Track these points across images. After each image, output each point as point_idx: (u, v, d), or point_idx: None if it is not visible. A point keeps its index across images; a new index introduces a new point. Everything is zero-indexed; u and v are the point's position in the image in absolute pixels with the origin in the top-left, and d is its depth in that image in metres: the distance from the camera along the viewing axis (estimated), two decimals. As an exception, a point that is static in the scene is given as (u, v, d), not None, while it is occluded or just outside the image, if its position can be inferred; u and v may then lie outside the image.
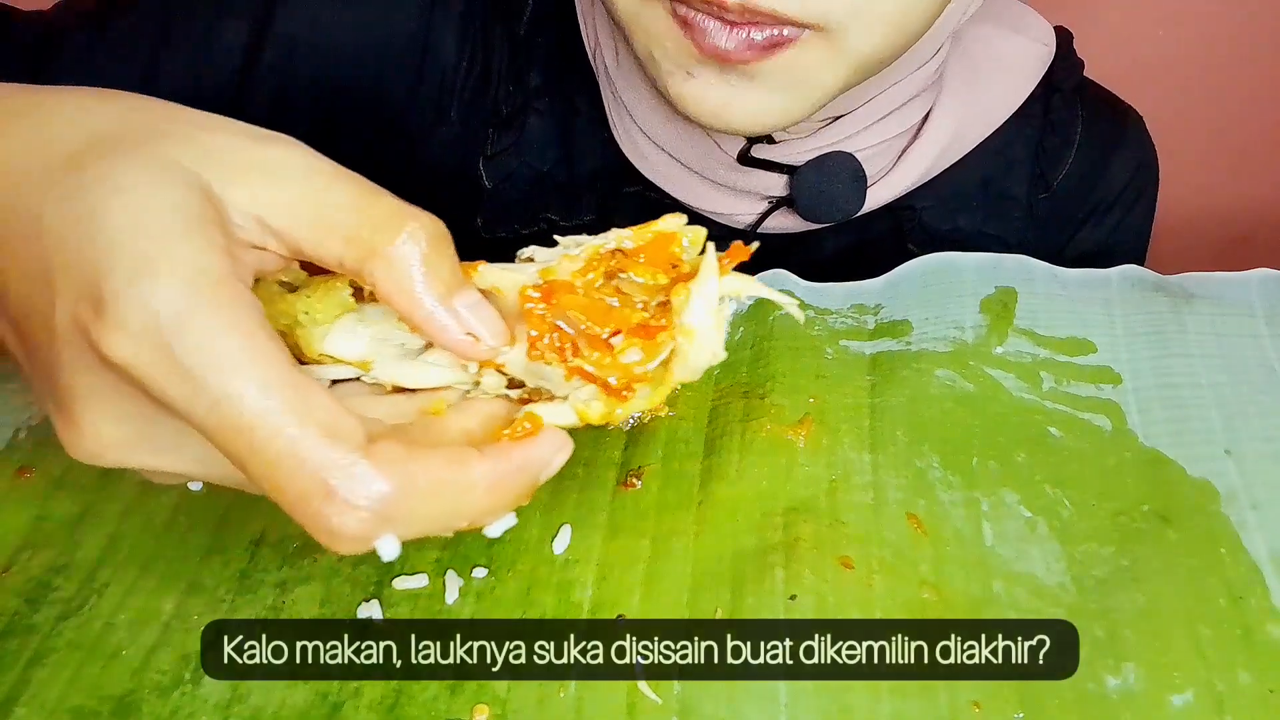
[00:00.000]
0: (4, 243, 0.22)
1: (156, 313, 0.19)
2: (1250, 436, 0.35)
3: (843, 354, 0.39)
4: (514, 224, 0.50)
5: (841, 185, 0.46)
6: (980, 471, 0.35)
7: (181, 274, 0.20)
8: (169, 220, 0.20)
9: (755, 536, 0.32)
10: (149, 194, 0.21)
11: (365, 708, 0.29)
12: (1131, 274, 0.42)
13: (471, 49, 0.48)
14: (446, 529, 0.22)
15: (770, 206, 0.48)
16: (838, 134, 0.46)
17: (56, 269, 0.21)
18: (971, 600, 0.31)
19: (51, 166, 0.22)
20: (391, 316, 0.26)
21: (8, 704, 0.29)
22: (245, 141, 0.23)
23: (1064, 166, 0.52)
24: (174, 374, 0.20)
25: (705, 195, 0.48)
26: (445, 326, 0.23)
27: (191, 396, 0.20)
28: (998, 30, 0.50)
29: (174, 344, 0.20)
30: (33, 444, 0.37)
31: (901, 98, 0.46)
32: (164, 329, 0.19)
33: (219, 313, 0.20)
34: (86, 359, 0.21)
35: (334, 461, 0.20)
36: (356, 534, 0.21)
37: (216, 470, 0.23)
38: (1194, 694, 0.28)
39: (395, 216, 0.22)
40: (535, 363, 0.25)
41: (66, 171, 0.21)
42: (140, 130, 0.22)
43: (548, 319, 0.24)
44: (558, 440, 0.24)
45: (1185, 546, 0.32)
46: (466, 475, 0.22)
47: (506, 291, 0.25)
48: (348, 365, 0.26)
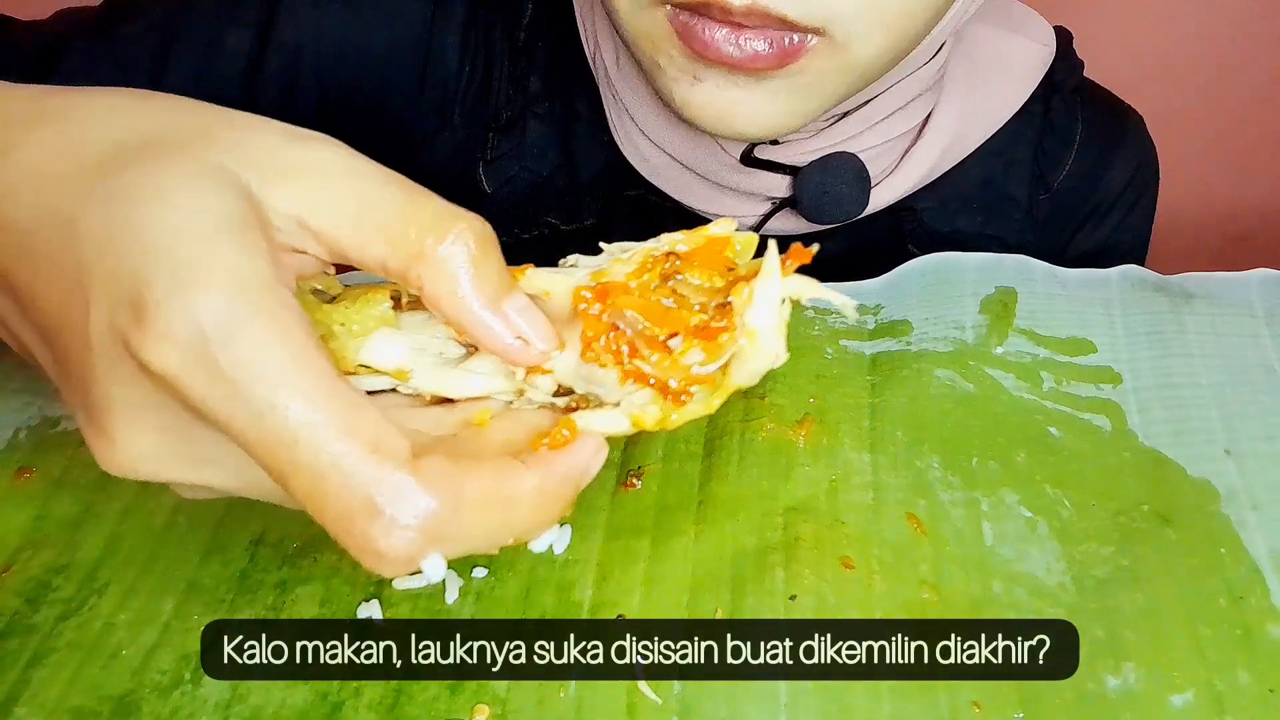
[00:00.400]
0: (33, 250, 0.21)
1: (201, 321, 0.19)
2: (1250, 436, 0.35)
3: (843, 354, 0.39)
4: (514, 228, 0.50)
5: (846, 186, 0.46)
6: (980, 471, 0.35)
7: (227, 281, 0.19)
8: (213, 225, 0.20)
9: (755, 536, 0.32)
10: (191, 198, 0.20)
11: (365, 708, 0.29)
12: (1131, 274, 0.42)
13: (473, 54, 0.48)
14: (493, 545, 0.22)
15: (773, 208, 0.48)
16: (841, 134, 0.46)
17: (92, 276, 0.20)
18: (971, 600, 0.31)
19: (85, 170, 0.21)
20: (429, 326, 0.25)
21: (8, 704, 0.29)
22: (286, 141, 0.22)
23: (1064, 167, 0.52)
24: (217, 384, 0.19)
25: (707, 197, 0.48)
26: (495, 331, 0.22)
27: (234, 408, 0.19)
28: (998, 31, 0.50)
29: (219, 354, 0.19)
30: (33, 444, 0.37)
31: (904, 97, 0.46)
32: (209, 338, 0.19)
33: (266, 322, 0.19)
34: (123, 369, 0.20)
35: (381, 478, 0.19)
36: (404, 554, 0.20)
37: (254, 485, 0.23)
38: (1194, 694, 0.28)
39: (442, 218, 0.22)
40: (589, 366, 0.24)
41: (102, 175, 0.21)
42: (179, 132, 0.22)
43: (603, 320, 0.24)
44: (594, 444, 0.24)
45: (1185, 546, 0.32)
46: (514, 488, 0.22)
47: (556, 295, 0.24)
48: (385, 375, 0.25)
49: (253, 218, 0.21)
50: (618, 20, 0.39)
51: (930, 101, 0.48)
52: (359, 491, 0.19)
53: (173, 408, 0.21)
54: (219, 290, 0.19)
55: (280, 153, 0.22)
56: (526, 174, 0.49)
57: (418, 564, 0.20)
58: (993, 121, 0.50)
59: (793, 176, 0.46)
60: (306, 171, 0.22)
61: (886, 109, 0.46)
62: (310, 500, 0.20)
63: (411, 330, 0.25)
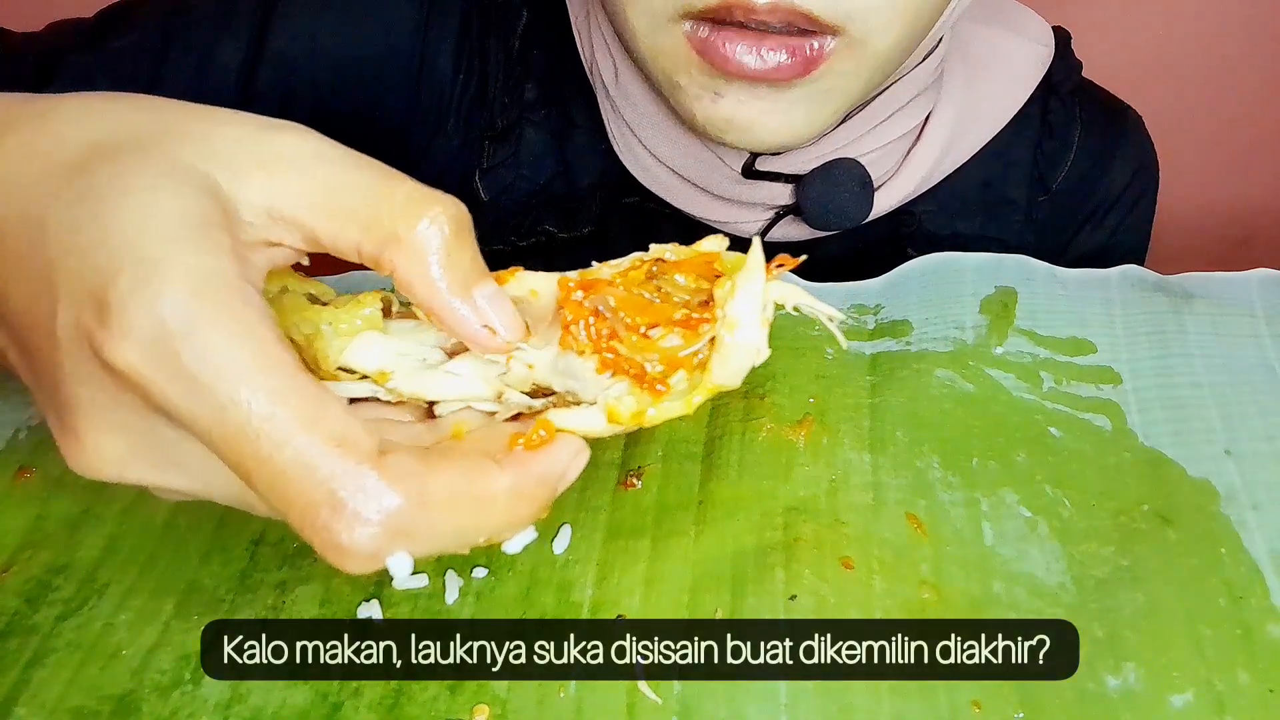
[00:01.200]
0: (4, 252, 0.21)
1: (162, 319, 0.19)
2: (1250, 436, 0.35)
3: (843, 354, 0.39)
4: (511, 236, 0.50)
5: (849, 193, 0.46)
6: (980, 471, 0.35)
7: (188, 279, 0.19)
8: (175, 224, 0.20)
9: (755, 536, 0.32)
10: (155, 198, 0.20)
11: (365, 708, 0.29)
12: (1131, 274, 0.42)
13: (468, 63, 0.48)
14: (463, 545, 0.22)
15: (776, 216, 0.48)
16: (842, 139, 0.46)
17: (60, 275, 0.20)
18: (971, 600, 0.31)
19: (55, 172, 0.21)
20: (416, 333, 0.25)
21: (8, 704, 0.29)
22: (254, 132, 0.22)
23: (1063, 169, 0.52)
24: (179, 381, 0.19)
25: (709, 206, 0.48)
26: (463, 318, 0.23)
27: (197, 404, 0.19)
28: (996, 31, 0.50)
29: (180, 350, 0.19)
30: (33, 444, 0.37)
31: (904, 97, 0.46)
32: (170, 335, 0.19)
33: (227, 318, 0.19)
34: (88, 368, 0.20)
35: (343, 472, 0.19)
36: (368, 550, 0.20)
37: (220, 488, 0.23)
38: (1194, 694, 0.28)
39: (416, 201, 0.22)
40: (566, 358, 0.24)
41: (71, 177, 0.21)
42: (147, 130, 0.22)
43: (585, 306, 0.24)
44: (574, 446, 0.23)
45: (1185, 546, 0.32)
46: (485, 487, 0.21)
47: (543, 295, 0.24)
48: (365, 378, 0.25)
49: (217, 215, 0.21)
50: (633, 41, 0.39)
51: (929, 102, 0.48)
52: (322, 485, 0.19)
53: (138, 408, 0.21)
54: (180, 287, 0.19)
55: (249, 144, 0.22)
56: (523, 182, 0.49)
57: (382, 561, 0.20)
58: (992, 124, 0.50)
59: (795, 184, 0.46)
60: (276, 160, 0.22)
61: (886, 111, 0.46)
62: (274, 495, 0.20)
63: (398, 335, 0.25)
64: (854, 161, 0.46)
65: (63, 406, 0.21)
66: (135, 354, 0.19)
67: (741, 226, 0.48)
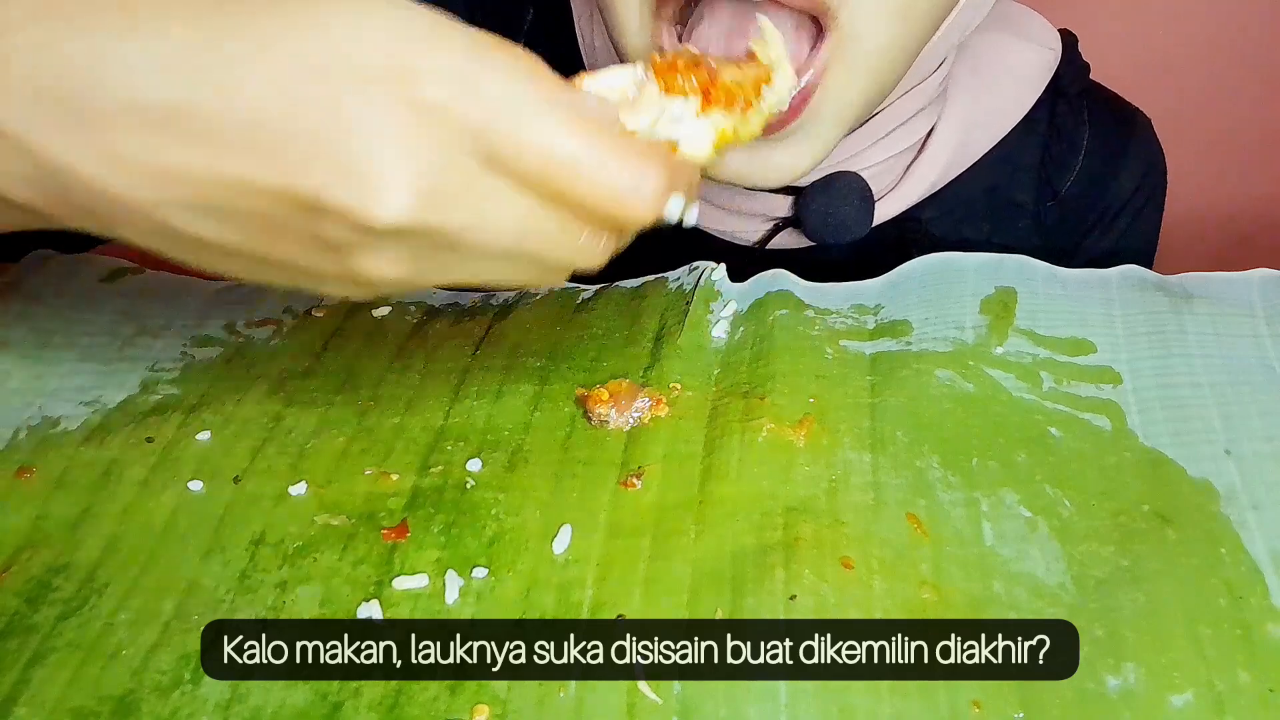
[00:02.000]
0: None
1: (464, 50, 0.23)
2: (1250, 436, 0.35)
3: (843, 354, 0.39)
4: None
5: (849, 206, 0.45)
6: (980, 471, 0.35)
7: (469, 36, 0.24)
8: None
9: (755, 536, 0.32)
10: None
11: (365, 708, 0.29)
12: (1131, 274, 0.42)
13: None
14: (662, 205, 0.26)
15: (776, 227, 0.47)
16: (843, 152, 0.45)
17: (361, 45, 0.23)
18: (971, 600, 0.31)
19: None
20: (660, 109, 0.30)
21: (7, 704, 0.29)
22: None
23: (1071, 173, 0.51)
24: (502, 93, 0.23)
25: (708, 215, 0.48)
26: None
27: (525, 105, 0.24)
28: (1002, 37, 0.50)
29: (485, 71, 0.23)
30: (33, 444, 0.37)
31: (906, 112, 0.45)
32: (473, 60, 0.23)
33: (513, 53, 0.24)
34: (393, 105, 0.23)
35: (639, 150, 0.26)
36: (663, 200, 0.26)
37: (500, 230, 0.25)
38: (1194, 694, 0.28)
39: None
40: (671, 100, 0.29)
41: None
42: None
43: (677, 62, 0.29)
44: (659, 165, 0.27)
45: (1185, 546, 0.32)
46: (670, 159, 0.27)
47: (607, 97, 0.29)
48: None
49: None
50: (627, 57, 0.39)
51: (933, 115, 0.47)
52: (640, 154, 0.26)
53: (438, 143, 0.23)
54: (465, 39, 0.24)
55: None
56: None
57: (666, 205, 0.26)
58: (998, 129, 0.49)
59: (795, 196, 0.46)
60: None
61: (888, 126, 0.45)
62: (604, 171, 0.25)
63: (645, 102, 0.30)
64: (855, 175, 0.45)
65: (358, 153, 0.23)
66: (448, 88, 0.23)
67: (742, 235, 0.48)
